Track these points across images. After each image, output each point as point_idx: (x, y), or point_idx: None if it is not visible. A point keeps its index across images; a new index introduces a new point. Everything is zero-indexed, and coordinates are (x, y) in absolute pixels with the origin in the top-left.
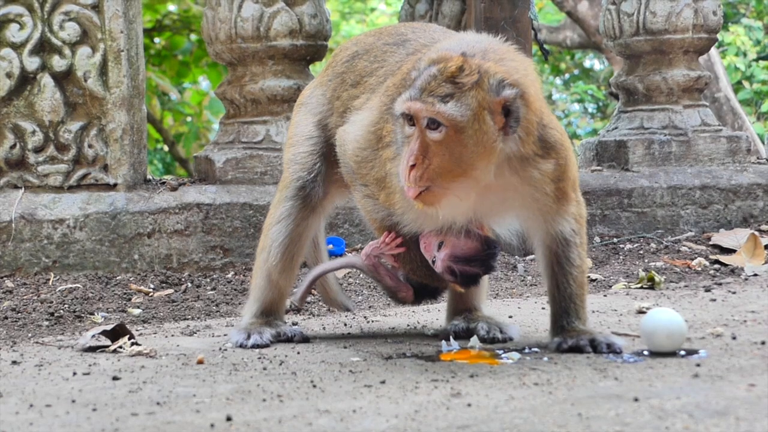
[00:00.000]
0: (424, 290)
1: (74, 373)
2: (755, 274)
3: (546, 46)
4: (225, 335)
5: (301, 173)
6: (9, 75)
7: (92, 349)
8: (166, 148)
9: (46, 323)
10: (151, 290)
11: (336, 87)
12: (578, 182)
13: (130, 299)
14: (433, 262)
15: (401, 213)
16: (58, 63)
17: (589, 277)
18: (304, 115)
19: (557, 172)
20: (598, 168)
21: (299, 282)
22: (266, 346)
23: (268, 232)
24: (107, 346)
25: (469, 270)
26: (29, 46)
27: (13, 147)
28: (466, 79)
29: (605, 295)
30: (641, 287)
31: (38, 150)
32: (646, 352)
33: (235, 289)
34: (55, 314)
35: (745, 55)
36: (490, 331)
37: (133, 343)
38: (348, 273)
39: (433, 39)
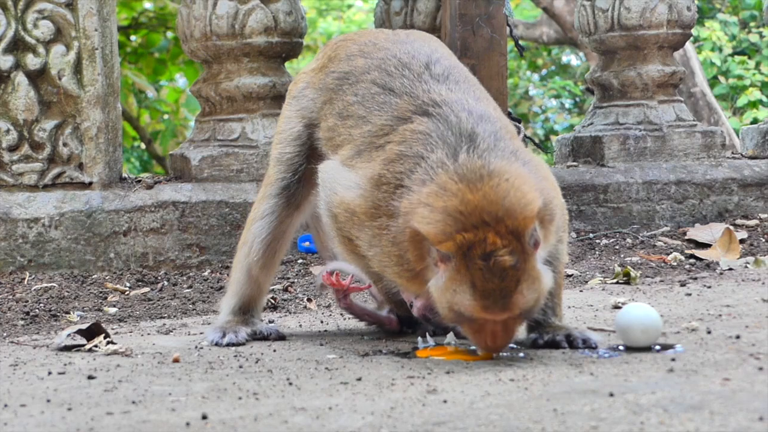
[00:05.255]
0: (410, 320)
1: (49, 373)
2: (730, 269)
3: (522, 43)
4: (201, 333)
5: (286, 174)
6: None
7: (68, 348)
8: (143, 145)
9: (22, 322)
10: (127, 289)
11: (325, 101)
12: (559, 189)
13: (105, 298)
14: (411, 305)
15: (397, 286)
16: (32, 61)
17: (564, 273)
18: (295, 112)
19: (554, 236)
20: (574, 164)
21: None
22: (241, 344)
23: (251, 227)
24: (83, 345)
25: None
26: (3, 45)
27: None
28: (515, 260)
29: (581, 291)
30: (617, 282)
31: (12, 149)
32: (621, 347)
33: (212, 287)
34: (31, 313)
35: (720, 50)
36: None
37: (108, 342)
38: None
39: (418, 96)
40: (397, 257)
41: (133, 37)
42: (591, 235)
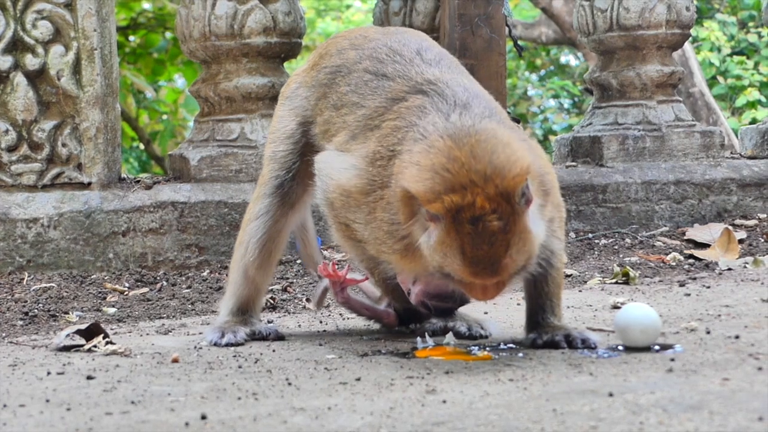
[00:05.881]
0: (408, 314)
1: (48, 373)
2: (729, 269)
3: (521, 43)
4: (200, 334)
5: (280, 172)
6: None
7: (67, 349)
8: (141, 146)
9: (21, 323)
10: (126, 289)
11: (319, 97)
12: (555, 178)
13: (104, 298)
14: (409, 293)
15: (393, 267)
16: (31, 62)
17: (564, 272)
18: (288, 111)
19: (551, 211)
20: (573, 164)
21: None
22: (240, 344)
23: (247, 227)
24: (82, 346)
25: (442, 305)
26: (2, 45)
27: None
28: (504, 224)
29: (580, 291)
30: (616, 282)
31: (11, 149)
32: (620, 347)
33: (211, 287)
34: (30, 314)
35: (719, 50)
36: (471, 328)
37: (107, 342)
38: None
39: (411, 78)
40: (389, 225)
41: (131, 38)
42: (590, 235)
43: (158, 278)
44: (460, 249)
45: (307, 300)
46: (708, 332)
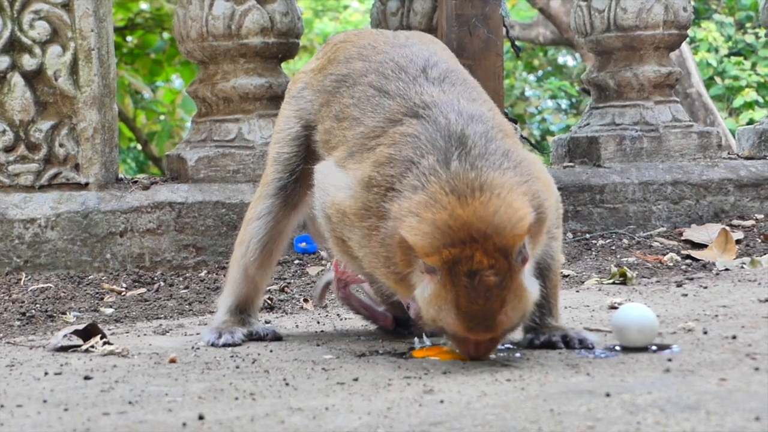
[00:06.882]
0: (407, 321)
1: (46, 373)
2: (726, 269)
3: (518, 43)
4: (198, 334)
5: (283, 174)
6: None
7: (64, 349)
8: (139, 146)
9: (18, 323)
10: (123, 289)
11: (323, 104)
12: (553, 184)
13: (102, 299)
14: (407, 306)
15: (389, 287)
16: (28, 62)
17: (561, 273)
18: (293, 112)
19: (547, 227)
20: (570, 164)
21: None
22: (238, 345)
23: (248, 227)
24: (79, 346)
25: None
26: None
27: None
28: (501, 279)
29: (577, 291)
30: (613, 283)
31: (9, 149)
32: (617, 348)
33: (208, 288)
34: (27, 314)
35: (716, 51)
36: None
37: (105, 343)
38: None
39: (410, 98)
40: (385, 258)
41: (129, 38)
42: (587, 236)
43: (156, 279)
44: (455, 303)
45: (305, 300)
46: (705, 332)
